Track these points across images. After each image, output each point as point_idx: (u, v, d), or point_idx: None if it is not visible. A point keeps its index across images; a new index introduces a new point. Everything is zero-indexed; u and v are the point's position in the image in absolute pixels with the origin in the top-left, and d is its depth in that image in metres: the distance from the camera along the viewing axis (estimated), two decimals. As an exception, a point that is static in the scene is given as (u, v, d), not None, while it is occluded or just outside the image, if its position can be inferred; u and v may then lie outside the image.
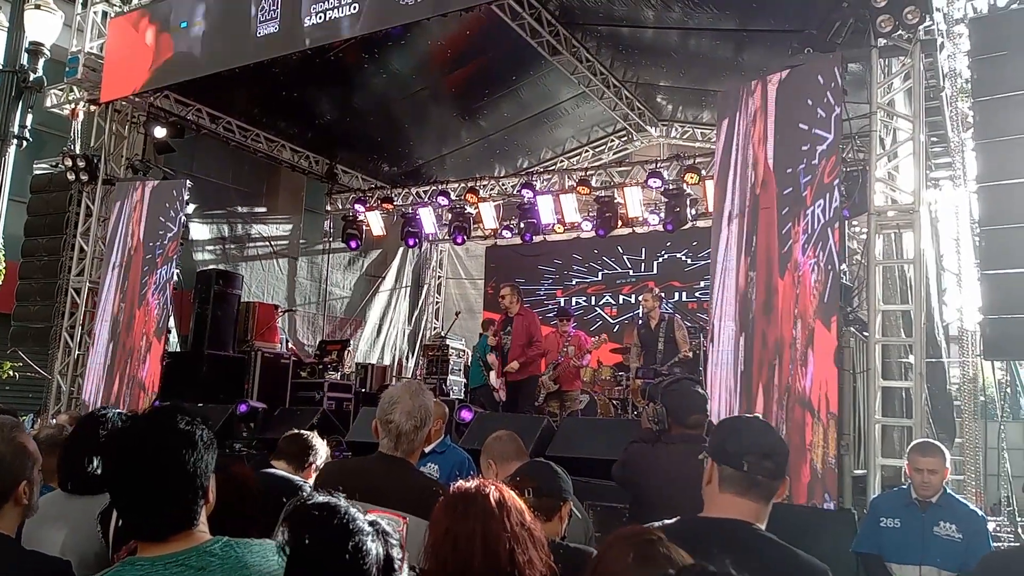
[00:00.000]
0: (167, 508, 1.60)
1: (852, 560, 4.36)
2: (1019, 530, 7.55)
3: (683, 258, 12.26)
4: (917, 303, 5.64)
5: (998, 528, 7.14)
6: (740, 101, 6.30)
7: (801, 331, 5.47)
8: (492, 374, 8.90)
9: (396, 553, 1.46)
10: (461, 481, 1.88)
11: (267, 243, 12.56)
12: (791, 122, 5.87)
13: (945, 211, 8.62)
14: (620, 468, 3.49)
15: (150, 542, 1.60)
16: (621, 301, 12.79)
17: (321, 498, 1.48)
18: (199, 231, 11.39)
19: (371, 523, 1.47)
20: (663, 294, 10.16)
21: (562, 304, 12.67)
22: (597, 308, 12.99)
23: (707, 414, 3.36)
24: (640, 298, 9.63)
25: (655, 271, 12.55)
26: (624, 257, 12.86)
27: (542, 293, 13.52)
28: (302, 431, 3.70)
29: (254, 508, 2.16)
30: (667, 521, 2.01)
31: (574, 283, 13.30)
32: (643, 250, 12.70)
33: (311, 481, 3.38)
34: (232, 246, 11.99)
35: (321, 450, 3.58)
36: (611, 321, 12.73)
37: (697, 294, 11.83)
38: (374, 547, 1.42)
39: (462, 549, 1.72)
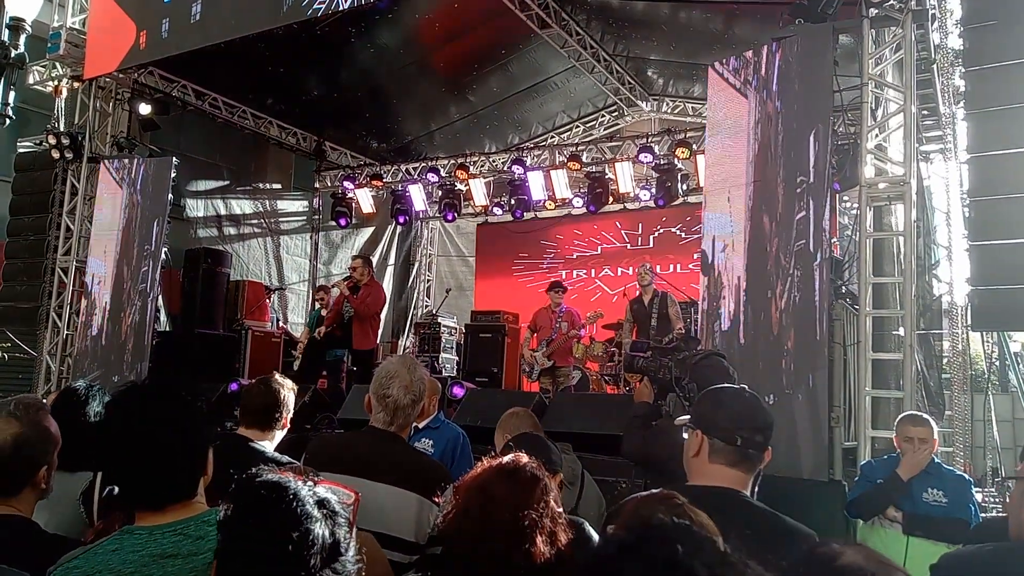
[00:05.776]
0: (168, 477, 1.59)
1: (843, 530, 4.39)
2: (1007, 500, 7.62)
3: (678, 232, 12.33)
4: (907, 275, 5.62)
5: (986, 500, 7.20)
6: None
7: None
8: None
9: (343, 535, 1.36)
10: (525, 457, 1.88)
11: (256, 221, 12.46)
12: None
13: (937, 184, 8.60)
14: (646, 443, 3.38)
15: (148, 511, 1.58)
16: (619, 273, 12.87)
17: (270, 477, 1.35)
18: (186, 209, 11.28)
19: (320, 503, 1.34)
20: (657, 267, 10.17)
21: (563, 276, 12.82)
22: (597, 280, 13.07)
23: None
24: (637, 271, 9.59)
25: (651, 245, 12.60)
26: (623, 232, 12.97)
27: (545, 267, 13.58)
28: (261, 383, 3.30)
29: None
30: (655, 491, 2.00)
31: (575, 257, 13.36)
32: (640, 225, 12.77)
33: (278, 435, 3.20)
34: (220, 224, 11.89)
35: (289, 397, 3.25)
36: (610, 292, 12.80)
37: (691, 266, 11.88)
38: (321, 532, 1.31)
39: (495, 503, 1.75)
